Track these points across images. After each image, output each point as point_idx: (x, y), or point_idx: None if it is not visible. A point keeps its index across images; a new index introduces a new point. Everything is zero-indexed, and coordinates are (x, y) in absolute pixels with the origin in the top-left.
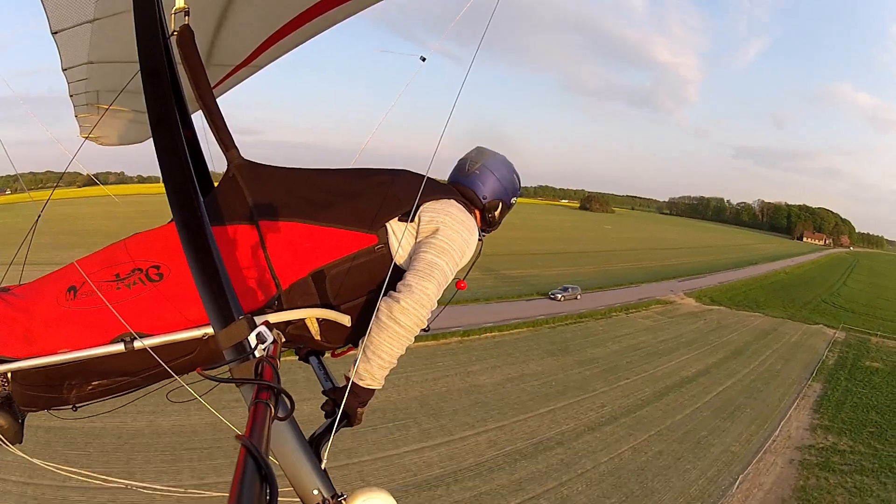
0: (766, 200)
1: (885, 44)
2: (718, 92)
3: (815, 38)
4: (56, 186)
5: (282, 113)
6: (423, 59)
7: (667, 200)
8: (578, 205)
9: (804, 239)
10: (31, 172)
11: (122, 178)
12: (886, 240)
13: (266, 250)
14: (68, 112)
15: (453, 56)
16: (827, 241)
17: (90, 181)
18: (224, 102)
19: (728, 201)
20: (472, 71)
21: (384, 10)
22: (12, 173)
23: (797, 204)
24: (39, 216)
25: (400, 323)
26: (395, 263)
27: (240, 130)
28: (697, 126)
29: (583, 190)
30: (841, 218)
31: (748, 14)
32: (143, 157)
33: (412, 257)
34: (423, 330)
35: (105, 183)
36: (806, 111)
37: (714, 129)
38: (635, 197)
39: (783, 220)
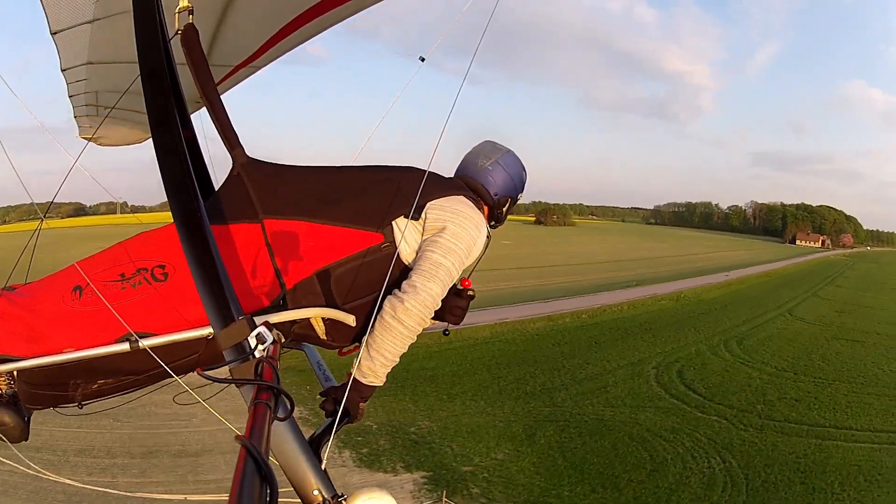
0: (759, 202)
1: (892, 38)
2: (734, 99)
3: (827, 40)
4: (59, 189)
5: (303, 140)
6: (423, 60)
7: (651, 209)
8: (534, 219)
9: (797, 241)
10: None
11: (111, 209)
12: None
13: (270, 249)
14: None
15: (471, 78)
16: (825, 243)
17: (76, 212)
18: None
19: (717, 205)
20: (490, 91)
21: (396, 33)
22: (12, 204)
23: (794, 203)
24: (42, 222)
25: (403, 323)
26: (402, 262)
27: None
28: (714, 134)
29: (580, 203)
30: (845, 215)
31: (760, 21)
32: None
33: (418, 256)
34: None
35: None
36: (821, 113)
37: (731, 136)
38: (637, 209)
39: (777, 223)
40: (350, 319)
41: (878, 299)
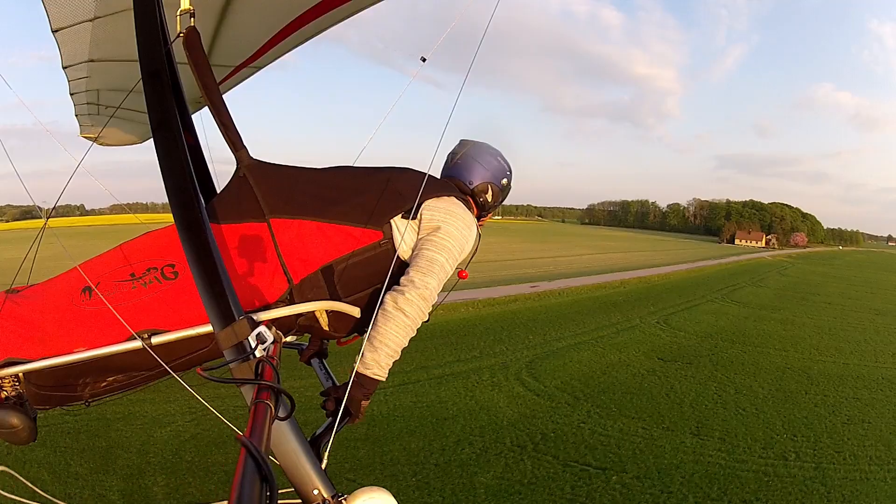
0: (702, 199)
1: (864, 41)
2: (699, 103)
3: (794, 42)
4: (63, 191)
5: (284, 143)
6: (424, 60)
7: (585, 208)
8: None
9: (737, 241)
10: (7, 205)
11: (84, 212)
12: (865, 234)
13: (277, 247)
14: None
15: (437, 82)
16: (771, 242)
17: (22, 215)
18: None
19: (654, 203)
20: (452, 95)
21: (367, 42)
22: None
23: (741, 200)
24: (45, 223)
25: (406, 313)
26: (399, 258)
27: (228, 161)
28: (679, 138)
29: (528, 204)
30: (801, 213)
31: (726, 24)
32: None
33: (415, 253)
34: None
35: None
36: (789, 116)
37: (696, 140)
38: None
39: (721, 221)
40: (355, 311)
41: (772, 326)
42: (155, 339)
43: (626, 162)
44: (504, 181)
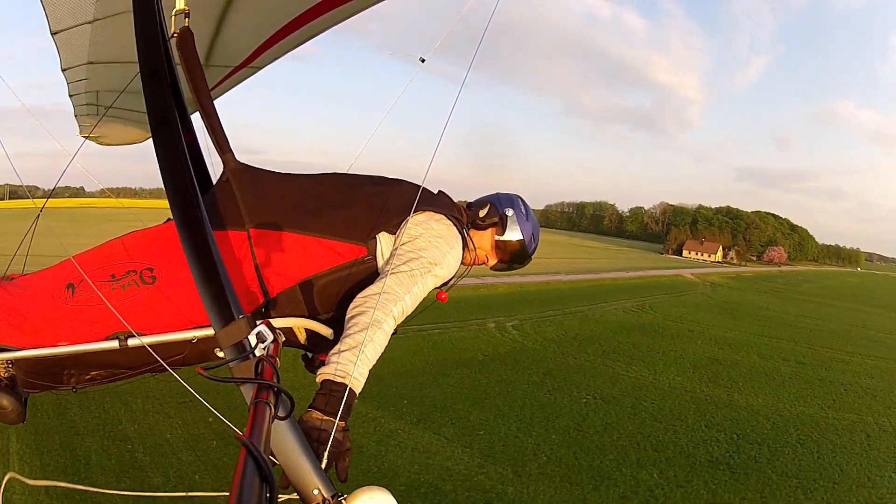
0: (670, 203)
1: (887, 58)
2: (720, 113)
3: (817, 56)
4: (56, 185)
5: (286, 134)
6: (423, 60)
7: (542, 208)
8: None
9: (685, 252)
10: (6, 184)
11: (77, 193)
12: (874, 254)
13: (255, 258)
14: (62, 125)
15: (452, 76)
16: (729, 255)
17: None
18: (227, 113)
19: (614, 206)
20: (474, 94)
21: (381, 33)
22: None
23: (714, 206)
24: (40, 214)
25: (383, 327)
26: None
27: (246, 150)
28: (700, 148)
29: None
30: (790, 224)
31: (750, 34)
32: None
33: (387, 265)
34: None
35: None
36: (809, 130)
37: (716, 150)
38: None
39: (684, 228)
40: (327, 332)
41: None
42: (131, 342)
43: (644, 170)
44: (510, 212)
